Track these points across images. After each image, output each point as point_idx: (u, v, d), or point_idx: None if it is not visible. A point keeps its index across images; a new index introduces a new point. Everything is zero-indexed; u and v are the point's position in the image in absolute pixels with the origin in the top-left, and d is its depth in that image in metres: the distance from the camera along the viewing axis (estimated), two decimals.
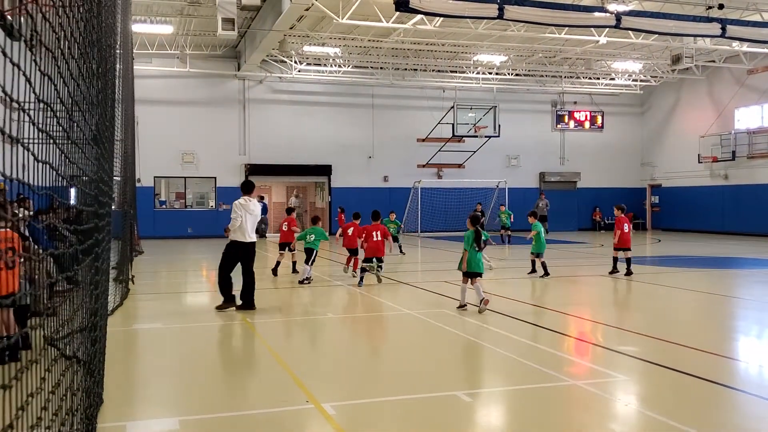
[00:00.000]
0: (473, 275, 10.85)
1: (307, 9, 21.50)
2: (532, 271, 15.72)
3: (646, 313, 11.36)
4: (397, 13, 18.39)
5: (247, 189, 11.28)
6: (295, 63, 29.79)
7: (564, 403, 6.15)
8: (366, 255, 14.20)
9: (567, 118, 36.19)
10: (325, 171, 32.27)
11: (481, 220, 11.60)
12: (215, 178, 30.91)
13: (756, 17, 21.23)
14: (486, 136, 31.64)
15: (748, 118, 31.07)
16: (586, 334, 9.50)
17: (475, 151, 33.13)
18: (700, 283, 14.73)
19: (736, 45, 26.06)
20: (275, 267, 16.20)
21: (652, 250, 24.73)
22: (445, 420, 5.60)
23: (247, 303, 10.96)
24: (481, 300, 10.57)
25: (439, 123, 31.89)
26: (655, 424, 5.50)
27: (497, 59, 29.60)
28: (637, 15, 18.44)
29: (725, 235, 30.43)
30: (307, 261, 14.46)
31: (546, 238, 15.98)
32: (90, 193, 4.74)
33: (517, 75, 32.97)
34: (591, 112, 36.56)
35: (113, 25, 6.67)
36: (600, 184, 36.39)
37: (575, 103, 36.49)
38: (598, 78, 34.04)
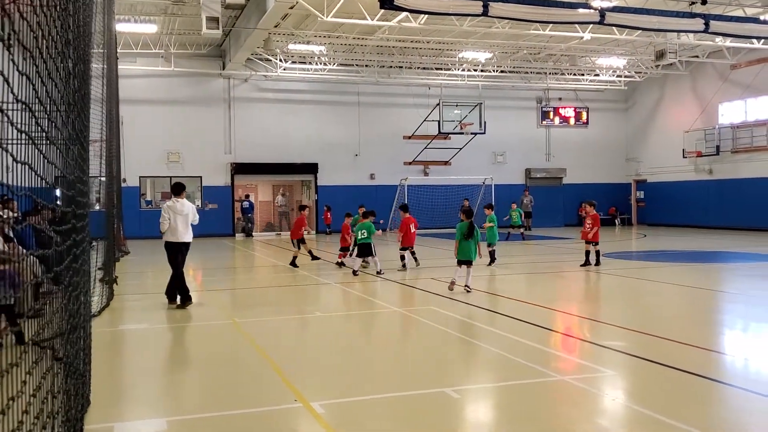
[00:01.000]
0: (464, 262, 12.20)
1: (291, 7, 21.45)
2: (492, 261, 16.77)
3: (633, 307, 11.42)
4: (382, 10, 18.37)
5: (176, 191, 11.64)
6: (280, 61, 29.70)
7: (552, 398, 6.17)
8: (403, 245, 16.03)
9: (552, 114, 36.33)
10: (311, 169, 32.20)
11: (473, 213, 12.92)
12: (201, 177, 30.77)
13: (739, 12, 21.39)
14: (472, 133, 31.68)
15: (732, 112, 31.32)
16: (573, 330, 9.54)
17: (461, 148, 33.18)
18: (686, 278, 14.83)
19: (719, 40, 26.23)
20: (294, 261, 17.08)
21: (638, 245, 24.88)
22: (433, 417, 5.61)
23: (171, 296, 11.52)
24: (466, 284, 12.11)
25: (425, 120, 31.89)
26: (643, 418, 5.53)
27: (482, 56, 29.66)
28: (621, 11, 18.53)
29: (710, 229, 30.67)
30: (360, 254, 15.44)
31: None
32: (67, 194, 4.69)
33: (502, 72, 33.04)
34: (576, 108, 36.73)
35: (90, 24, 6.61)
36: (585, 179, 36.55)
37: (560, 99, 36.63)
38: (583, 74, 34.19)
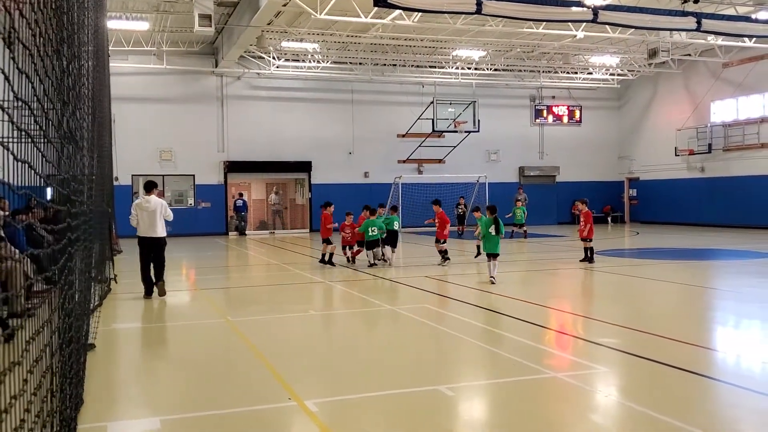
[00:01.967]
0: (491, 256, 13.18)
1: (284, 5, 21.41)
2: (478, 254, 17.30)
3: (626, 304, 11.47)
4: (376, 8, 18.35)
5: (146, 188, 12.27)
6: (274, 59, 29.65)
7: (545, 395, 6.19)
8: (440, 237, 16.86)
9: (545, 112, 36.39)
10: (304, 167, 32.17)
11: (497, 209, 13.87)
12: (194, 175, 30.71)
13: (730, 11, 21.47)
14: (466, 132, 31.71)
15: (724, 111, 31.44)
16: (566, 327, 9.57)
17: (455, 147, 33.21)
18: (678, 275, 14.89)
19: (711, 39, 26.31)
20: (330, 258, 16.94)
21: (631, 243, 24.97)
22: (428, 414, 5.62)
23: (159, 289, 12.11)
24: (491, 275, 13.11)
25: (418, 118, 31.90)
26: (635, 414, 5.56)
27: (476, 54, 29.68)
28: (614, 9, 18.57)
29: (702, 227, 30.79)
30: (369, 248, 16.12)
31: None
32: (63, 192, 4.67)
33: (495, 70, 33.07)
34: (569, 106, 36.80)
35: (84, 21, 6.58)
36: (579, 178, 36.65)
37: (553, 97, 36.69)
38: (576, 72, 34.26)
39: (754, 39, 25.75)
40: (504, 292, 12.45)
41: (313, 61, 30.43)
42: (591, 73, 34.20)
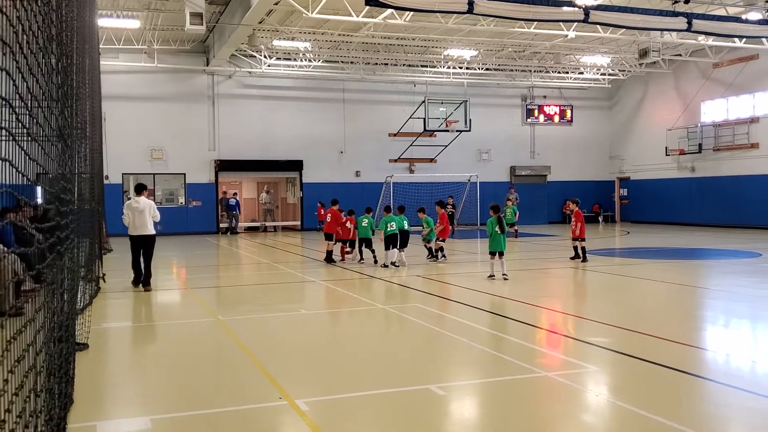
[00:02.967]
0: (497, 253, 13.66)
1: (276, 3, 21.36)
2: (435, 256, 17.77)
3: (616, 304, 11.51)
4: (367, 7, 18.34)
5: (137, 190, 13.36)
6: (265, 58, 29.57)
7: (536, 394, 6.20)
8: (440, 236, 17.56)
9: (537, 112, 36.47)
10: (296, 166, 32.11)
11: (500, 208, 14.36)
12: (185, 174, 30.60)
13: (721, 11, 21.57)
14: (457, 131, 31.70)
15: (714, 111, 31.60)
16: (557, 326, 9.59)
17: (446, 146, 33.22)
18: (669, 274, 14.95)
19: (701, 39, 26.41)
20: (329, 255, 17.48)
21: (622, 242, 25.05)
22: (418, 414, 5.62)
23: (145, 282, 13.06)
24: (503, 273, 13.56)
25: (410, 118, 31.88)
26: (626, 414, 5.58)
27: (467, 54, 29.70)
28: (605, 9, 18.63)
29: (692, 226, 30.93)
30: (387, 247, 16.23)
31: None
32: (52, 191, 4.64)
33: (487, 69, 33.10)
34: (560, 106, 36.89)
35: (74, 19, 6.54)
36: (570, 177, 36.75)
37: (545, 97, 36.77)
38: (567, 72, 34.34)
39: (744, 39, 25.89)
40: (495, 292, 12.46)
41: (305, 59, 30.38)
42: (582, 72, 34.29)
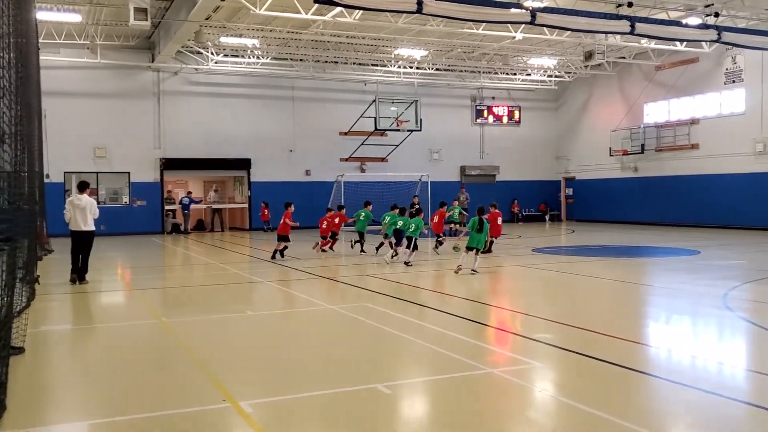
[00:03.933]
0: (472, 249, 14.50)
1: (223, 0, 21.06)
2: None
3: (561, 301, 11.68)
4: (316, 5, 18.22)
5: (79, 188, 13.80)
6: (212, 54, 29.13)
7: (481, 391, 6.23)
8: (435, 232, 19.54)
9: (486, 112, 36.89)
10: (243, 165, 31.73)
11: (484, 210, 15.57)
12: (129, 173, 29.93)
13: (663, 15, 22.12)
14: (408, 130, 31.83)
15: (656, 112, 32.46)
16: (502, 323, 9.68)
17: (397, 145, 33.30)
18: (612, 272, 15.25)
19: (644, 42, 27.09)
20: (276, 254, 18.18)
21: (567, 241, 25.49)
22: (365, 413, 5.58)
23: (80, 276, 13.69)
24: (473, 268, 14.39)
25: (361, 116, 31.85)
26: (569, 409, 5.64)
27: (417, 53, 29.81)
28: (551, 12, 18.88)
29: (636, 225, 31.70)
30: (408, 246, 16.60)
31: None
32: None
33: (437, 70, 33.30)
34: (509, 107, 37.38)
35: (9, 14, 6.29)
36: (518, 177, 37.27)
37: (493, 98, 37.20)
38: (515, 74, 34.80)
39: (684, 43, 26.65)
40: (443, 290, 12.51)
41: (253, 57, 30.03)
42: (529, 74, 34.80)
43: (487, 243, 16.85)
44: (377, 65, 32.35)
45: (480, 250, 14.82)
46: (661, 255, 19.03)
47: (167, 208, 30.84)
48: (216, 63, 29.53)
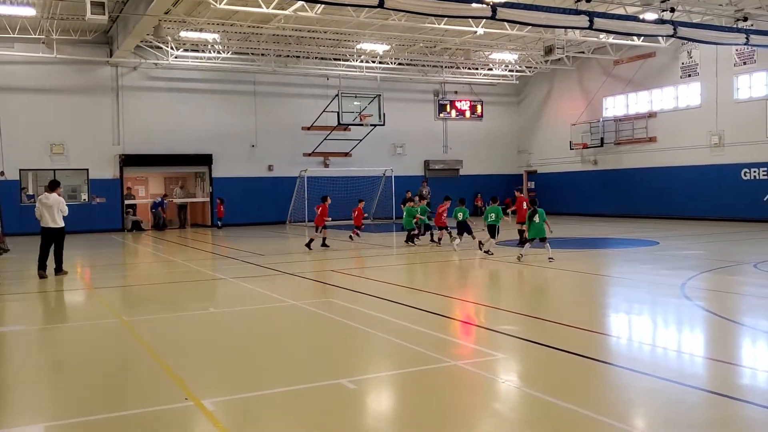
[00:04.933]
0: (541, 239, 15.11)
1: None
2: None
3: (523, 293, 11.80)
4: None
5: (50, 187, 14.52)
6: (172, 49, 28.71)
7: (446, 383, 6.26)
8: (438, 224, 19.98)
9: (449, 107, 37.05)
10: (205, 160, 31.35)
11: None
12: (87, 170, 29.37)
13: (620, 10, 22.45)
14: (371, 125, 31.80)
15: (615, 106, 32.98)
16: (466, 316, 9.74)
17: (361, 140, 33.27)
18: (573, 263, 15.45)
19: (603, 37, 27.49)
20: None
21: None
22: (329, 409, 5.56)
23: (57, 269, 14.39)
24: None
25: (324, 111, 31.72)
26: (533, 400, 5.70)
27: (380, 48, 29.79)
28: (512, 6, 18.98)
29: (596, 217, 32.18)
30: (492, 236, 17.05)
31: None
32: None
33: (400, 64, 33.33)
34: (471, 101, 37.59)
35: None
36: (481, 171, 37.52)
37: (456, 92, 37.38)
38: (477, 68, 34.99)
39: (642, 38, 27.11)
40: (406, 283, 12.54)
41: (214, 51, 29.68)
42: (491, 69, 35.03)
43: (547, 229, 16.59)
44: (339, 60, 32.24)
45: (545, 238, 15.10)
46: (621, 246, 19.34)
47: (127, 203, 30.53)
48: (176, 58, 29.11)
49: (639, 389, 6.00)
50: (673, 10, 21.69)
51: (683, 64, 29.22)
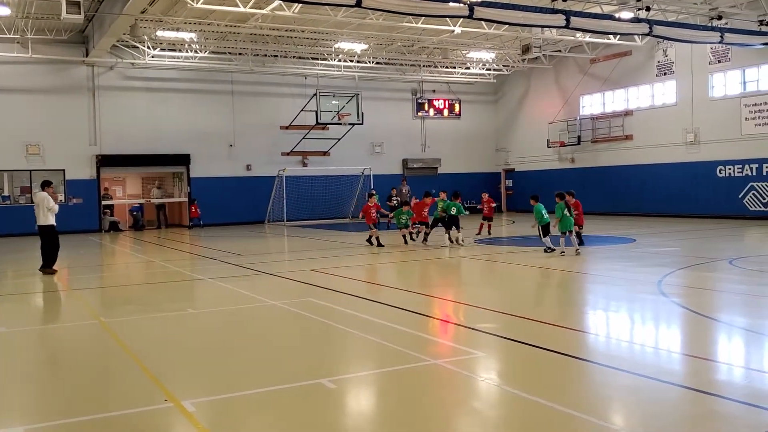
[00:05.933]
0: (567, 232, 16.08)
1: None
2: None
3: (502, 291, 11.87)
4: None
5: (41, 186, 15.37)
6: (149, 48, 28.46)
7: (426, 382, 6.28)
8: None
9: (427, 106, 37.12)
10: (182, 160, 31.10)
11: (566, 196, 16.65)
12: (64, 170, 29.04)
13: (597, 9, 22.65)
14: (350, 124, 31.79)
15: (592, 104, 33.26)
16: (446, 314, 9.79)
17: (339, 139, 33.24)
18: (552, 261, 15.55)
19: (579, 35, 27.71)
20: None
21: (507, 231, 25.91)
22: (310, 409, 5.57)
23: (47, 265, 14.91)
24: (576, 248, 16.26)
25: (302, 110, 31.65)
26: (512, 397, 5.75)
27: (358, 47, 29.76)
28: (489, 6, 19.08)
29: None
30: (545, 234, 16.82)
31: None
32: None
33: (378, 63, 33.34)
34: (449, 100, 37.70)
35: None
36: (459, 169, 37.62)
37: (434, 91, 37.45)
38: (455, 67, 35.09)
39: (618, 36, 27.35)
40: (386, 282, 12.56)
41: (191, 50, 29.47)
42: (468, 68, 35.14)
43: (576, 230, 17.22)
44: (317, 59, 32.17)
45: (571, 232, 16.06)
46: (598, 243, 19.51)
47: (104, 203, 30.27)
48: (153, 57, 28.87)
49: (618, 386, 6.07)
50: (648, 9, 21.92)
51: (659, 62, 29.53)
